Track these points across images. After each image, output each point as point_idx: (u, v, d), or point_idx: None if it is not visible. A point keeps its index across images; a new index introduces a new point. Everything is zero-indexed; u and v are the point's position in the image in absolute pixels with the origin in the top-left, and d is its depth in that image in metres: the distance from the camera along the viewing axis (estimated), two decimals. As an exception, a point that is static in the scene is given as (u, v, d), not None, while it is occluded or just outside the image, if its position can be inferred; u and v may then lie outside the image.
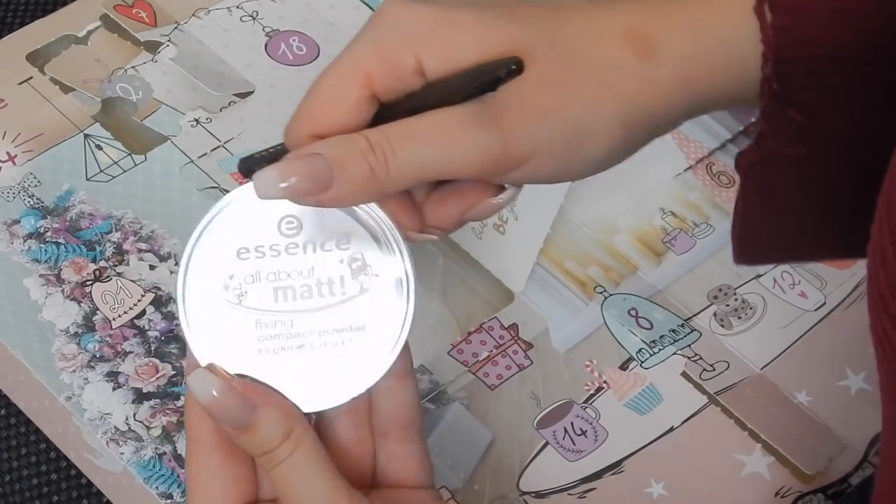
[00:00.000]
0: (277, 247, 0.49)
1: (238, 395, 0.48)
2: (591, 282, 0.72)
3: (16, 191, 0.71)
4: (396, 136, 0.47)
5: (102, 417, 0.64)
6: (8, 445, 0.68)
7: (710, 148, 0.78)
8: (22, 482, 0.67)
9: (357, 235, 0.49)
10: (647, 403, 0.68)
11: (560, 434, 0.67)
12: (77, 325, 0.67)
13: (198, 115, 0.75)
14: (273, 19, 0.80)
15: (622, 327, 0.71)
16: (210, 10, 0.80)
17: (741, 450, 0.67)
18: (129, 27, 0.78)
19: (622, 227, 0.74)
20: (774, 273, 0.74)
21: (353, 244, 0.49)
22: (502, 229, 0.70)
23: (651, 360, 0.70)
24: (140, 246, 0.70)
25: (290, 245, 0.49)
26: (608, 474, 0.66)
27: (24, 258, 0.68)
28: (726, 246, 0.75)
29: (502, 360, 0.69)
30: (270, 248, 0.49)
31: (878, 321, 0.44)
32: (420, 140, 0.47)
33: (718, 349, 0.70)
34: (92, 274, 0.68)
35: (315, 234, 0.49)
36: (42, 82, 0.75)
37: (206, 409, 0.48)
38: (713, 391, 0.69)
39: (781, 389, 0.69)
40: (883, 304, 0.43)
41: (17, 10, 0.84)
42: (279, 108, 0.76)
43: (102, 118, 0.74)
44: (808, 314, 0.72)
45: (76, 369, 0.65)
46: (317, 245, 0.49)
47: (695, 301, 0.72)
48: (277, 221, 0.49)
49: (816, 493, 0.66)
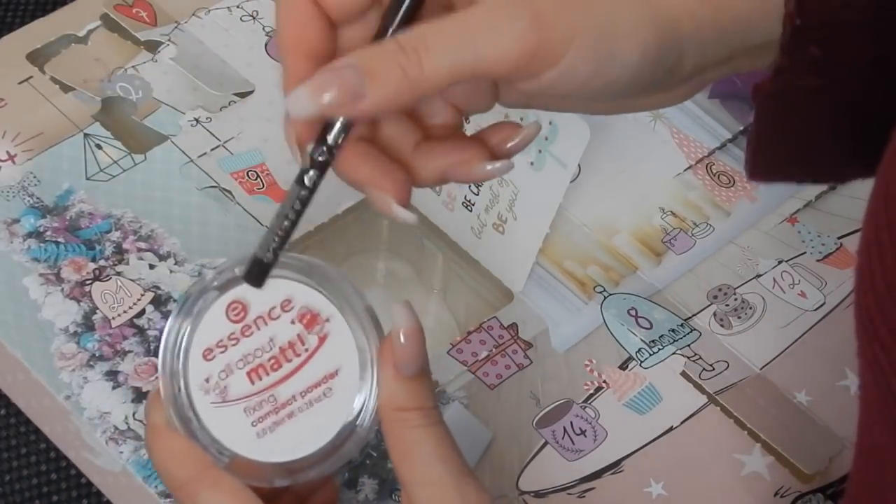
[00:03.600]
0: (234, 335, 0.50)
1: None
2: (590, 281, 0.72)
3: (15, 190, 0.71)
4: (427, 32, 0.45)
5: (102, 416, 0.64)
6: (8, 445, 0.68)
7: (710, 148, 0.78)
8: (22, 482, 0.67)
9: (294, 291, 0.50)
10: (647, 403, 0.68)
11: (559, 434, 0.67)
12: (76, 324, 0.67)
13: (198, 115, 0.75)
14: (273, 19, 0.80)
15: (622, 327, 0.70)
16: (210, 10, 0.80)
17: (740, 450, 0.67)
18: (129, 27, 0.78)
19: (622, 226, 0.74)
20: (774, 273, 0.74)
21: (295, 300, 0.50)
22: (502, 229, 0.70)
23: (650, 360, 0.69)
24: (140, 245, 0.70)
25: (243, 328, 0.50)
26: (607, 474, 0.66)
27: (23, 257, 0.68)
28: (726, 246, 0.75)
29: (502, 360, 0.69)
30: (228, 338, 0.50)
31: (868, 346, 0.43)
32: (451, 34, 0.45)
33: (718, 349, 0.70)
34: (91, 273, 0.68)
35: (259, 307, 0.50)
36: (42, 82, 0.75)
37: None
38: (713, 391, 0.69)
39: (781, 389, 0.69)
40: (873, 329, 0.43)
41: (17, 10, 0.84)
42: (279, 107, 0.76)
43: (102, 117, 0.74)
44: (808, 314, 0.72)
45: (75, 368, 0.65)
46: (265, 317, 0.50)
47: (694, 301, 0.72)
48: (224, 311, 0.50)
49: (816, 493, 0.66)
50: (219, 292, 0.50)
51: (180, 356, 0.50)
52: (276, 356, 0.50)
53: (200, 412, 0.50)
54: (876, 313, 0.42)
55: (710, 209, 0.76)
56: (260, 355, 0.50)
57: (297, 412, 0.50)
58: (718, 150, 0.78)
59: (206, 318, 0.50)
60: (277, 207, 0.49)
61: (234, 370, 0.50)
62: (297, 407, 0.50)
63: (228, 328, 0.50)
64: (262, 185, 0.73)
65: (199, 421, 0.50)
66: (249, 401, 0.50)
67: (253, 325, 0.50)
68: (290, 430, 0.50)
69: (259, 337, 0.50)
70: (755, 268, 0.74)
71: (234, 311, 0.50)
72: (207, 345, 0.50)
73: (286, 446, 0.50)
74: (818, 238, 0.75)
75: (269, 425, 0.50)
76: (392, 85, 0.45)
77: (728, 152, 0.78)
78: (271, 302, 0.50)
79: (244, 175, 0.73)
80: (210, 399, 0.50)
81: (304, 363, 0.50)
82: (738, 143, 0.78)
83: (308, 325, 0.50)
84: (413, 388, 0.49)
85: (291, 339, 0.50)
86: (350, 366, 0.50)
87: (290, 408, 0.50)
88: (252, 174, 0.73)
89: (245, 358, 0.50)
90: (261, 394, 0.50)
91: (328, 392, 0.50)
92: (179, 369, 0.50)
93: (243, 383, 0.50)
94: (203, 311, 0.50)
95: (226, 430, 0.50)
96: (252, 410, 0.50)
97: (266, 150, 0.74)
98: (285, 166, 0.74)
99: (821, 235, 0.76)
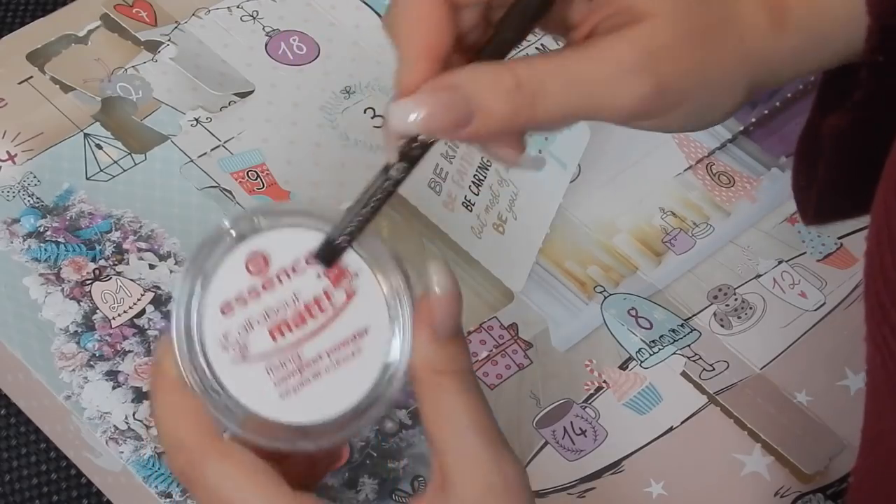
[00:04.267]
0: (255, 289, 0.47)
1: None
2: (590, 281, 0.72)
3: (16, 190, 0.71)
4: (547, 77, 0.45)
5: (102, 416, 0.64)
6: (8, 445, 0.68)
7: (710, 148, 0.78)
8: (22, 482, 0.67)
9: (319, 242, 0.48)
10: (647, 403, 0.68)
11: (559, 433, 0.67)
12: (76, 324, 0.67)
13: (198, 115, 0.75)
14: (273, 19, 0.80)
15: (622, 327, 0.70)
16: (210, 10, 0.80)
17: (741, 449, 0.67)
18: (130, 27, 0.78)
19: (622, 226, 0.74)
20: (774, 273, 0.74)
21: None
22: (502, 229, 0.70)
23: (651, 360, 0.70)
24: (140, 245, 0.70)
25: (264, 282, 0.47)
26: (608, 474, 0.66)
27: (23, 257, 0.68)
28: (726, 246, 0.75)
29: (502, 360, 0.69)
30: (248, 292, 0.47)
31: (877, 329, 0.43)
32: (572, 84, 0.45)
33: (718, 349, 0.70)
34: (91, 273, 0.68)
35: (282, 260, 0.48)
36: (42, 82, 0.75)
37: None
38: (713, 391, 0.69)
39: (781, 389, 0.69)
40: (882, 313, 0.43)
41: (17, 10, 0.84)
42: (279, 107, 0.76)
43: (102, 117, 0.74)
44: (808, 314, 0.72)
45: (76, 368, 0.65)
46: (288, 270, 0.48)
47: (694, 301, 0.72)
48: (244, 264, 0.48)
49: (816, 492, 0.66)
50: (236, 243, 0.47)
51: (195, 311, 0.47)
52: (301, 312, 0.47)
53: (218, 370, 0.47)
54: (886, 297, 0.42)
55: (710, 209, 0.76)
56: (283, 311, 0.47)
57: (323, 372, 0.47)
58: (718, 150, 0.78)
59: (223, 270, 0.47)
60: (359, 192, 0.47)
61: (254, 326, 0.47)
62: (324, 367, 0.47)
63: (248, 281, 0.47)
64: (262, 185, 0.73)
65: (216, 380, 0.47)
66: (272, 359, 0.47)
67: (275, 279, 0.47)
68: (315, 390, 0.47)
69: (282, 291, 0.47)
70: (755, 268, 0.74)
71: (254, 263, 0.47)
72: (225, 299, 0.47)
73: (312, 407, 0.47)
74: (818, 238, 0.75)
75: (294, 385, 0.47)
76: (500, 120, 0.45)
77: (728, 152, 0.78)
78: (295, 254, 0.48)
79: (244, 175, 0.73)
80: (228, 356, 0.47)
81: (330, 320, 0.47)
82: (737, 142, 0.78)
83: (335, 280, 0.48)
84: (449, 351, 0.47)
85: (317, 294, 0.47)
86: (380, 324, 0.48)
87: (315, 367, 0.47)
88: (252, 174, 0.73)
89: (266, 313, 0.47)
90: (284, 352, 0.47)
91: (357, 351, 0.47)
92: (194, 325, 0.47)
93: (265, 340, 0.47)
94: (220, 262, 0.47)
95: (246, 390, 0.47)
96: (275, 369, 0.47)
97: (266, 150, 0.74)
98: (285, 166, 0.74)
99: (821, 235, 0.76)
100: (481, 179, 0.69)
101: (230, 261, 0.47)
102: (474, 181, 0.70)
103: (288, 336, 0.47)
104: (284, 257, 0.48)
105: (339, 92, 0.77)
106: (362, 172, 0.74)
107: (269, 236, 0.48)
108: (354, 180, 0.74)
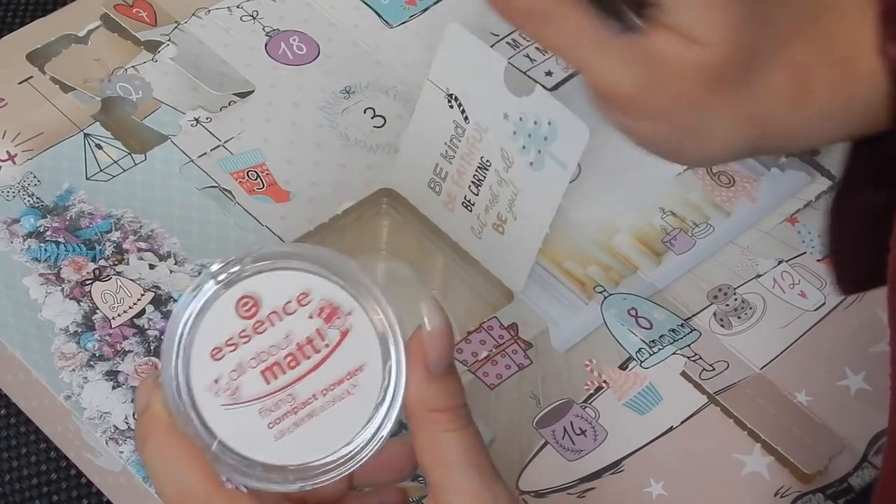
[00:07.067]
0: (245, 332, 0.47)
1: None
2: (590, 281, 0.72)
3: (16, 190, 0.71)
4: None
5: (102, 416, 0.64)
6: (8, 445, 0.68)
7: (710, 148, 0.78)
8: (22, 482, 0.67)
9: (313, 284, 0.48)
10: (647, 403, 0.68)
11: (559, 433, 0.67)
12: (76, 324, 0.67)
13: (198, 115, 0.75)
14: (273, 19, 0.80)
15: (622, 327, 0.70)
16: (210, 10, 0.80)
17: (741, 449, 0.67)
18: (130, 27, 0.78)
19: (622, 226, 0.74)
20: (774, 273, 0.74)
21: (312, 294, 0.48)
22: (502, 229, 0.70)
23: (651, 360, 0.69)
24: (140, 245, 0.70)
25: (255, 324, 0.47)
26: (607, 474, 0.66)
27: (23, 257, 0.68)
28: (726, 246, 0.75)
29: (502, 360, 0.69)
30: (239, 335, 0.47)
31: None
32: None
33: (718, 349, 0.70)
34: (91, 273, 0.68)
35: (272, 301, 0.48)
36: (42, 82, 0.75)
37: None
38: (713, 391, 0.69)
39: (781, 389, 0.69)
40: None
41: (17, 10, 0.84)
42: (279, 107, 0.76)
43: (102, 117, 0.74)
44: (808, 314, 0.72)
45: (75, 368, 0.65)
46: (279, 312, 0.48)
47: (694, 301, 0.72)
48: (234, 307, 0.48)
49: (816, 493, 0.66)
50: (226, 288, 0.47)
51: (184, 356, 0.47)
52: (294, 353, 0.47)
53: (207, 416, 0.47)
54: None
55: (710, 209, 0.76)
56: (275, 352, 0.47)
57: (318, 411, 0.48)
58: (718, 150, 0.78)
59: (212, 314, 0.47)
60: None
61: (246, 369, 0.47)
62: (319, 405, 0.48)
63: (239, 325, 0.47)
64: (262, 185, 0.73)
65: (204, 425, 0.47)
66: (265, 401, 0.47)
67: (266, 321, 0.47)
68: (311, 430, 0.47)
69: (274, 333, 0.47)
70: (755, 268, 0.74)
71: (244, 306, 0.48)
72: (216, 343, 0.47)
73: (308, 447, 0.47)
74: (818, 238, 0.75)
75: (289, 426, 0.47)
76: None
77: (728, 152, 0.78)
78: (286, 296, 0.48)
79: (244, 175, 0.73)
80: (220, 401, 0.47)
81: (325, 359, 0.48)
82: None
83: (328, 319, 0.48)
84: (443, 387, 0.48)
85: (310, 334, 0.47)
86: (374, 362, 0.48)
87: (310, 407, 0.48)
88: (252, 174, 0.73)
89: (259, 356, 0.47)
90: (277, 393, 0.47)
91: (353, 388, 0.48)
92: (183, 370, 0.47)
93: (257, 383, 0.47)
94: (209, 306, 0.47)
95: (238, 434, 0.47)
96: (268, 411, 0.47)
97: (266, 150, 0.74)
98: (285, 166, 0.74)
99: (821, 235, 0.75)
100: (481, 179, 0.69)
101: (220, 305, 0.48)
102: (474, 181, 0.70)
103: (281, 378, 0.48)
104: (276, 299, 0.48)
105: (339, 92, 0.77)
106: (362, 172, 0.75)
107: (259, 279, 0.48)
108: (354, 180, 0.74)
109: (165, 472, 0.48)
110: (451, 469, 0.48)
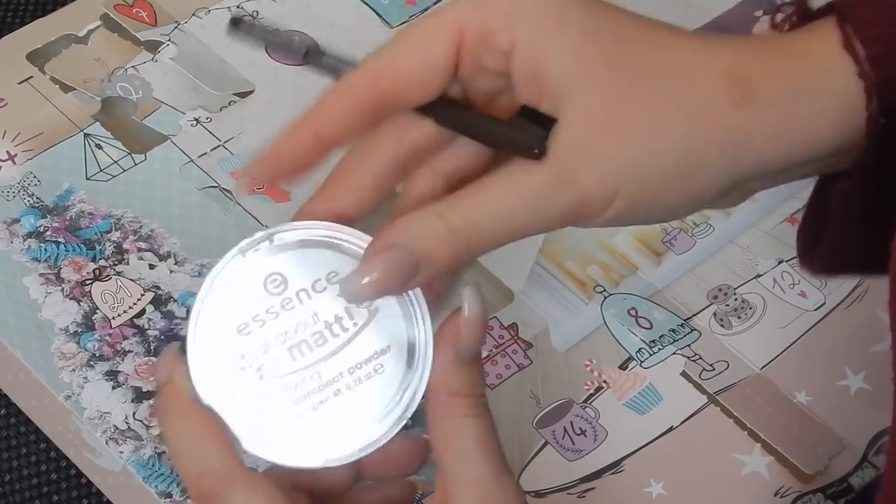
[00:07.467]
0: (273, 308, 0.48)
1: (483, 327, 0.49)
2: (590, 281, 0.72)
3: (16, 190, 0.71)
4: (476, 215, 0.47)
5: (102, 416, 0.64)
6: (8, 445, 0.68)
7: (710, 148, 0.78)
8: (22, 482, 0.67)
9: (342, 263, 0.48)
10: (647, 403, 0.68)
11: (559, 433, 0.67)
12: (77, 324, 0.67)
13: (198, 115, 0.75)
14: (273, 19, 0.80)
15: (622, 327, 0.71)
16: (210, 10, 0.80)
17: (740, 449, 0.67)
18: (130, 27, 0.78)
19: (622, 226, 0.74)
20: (774, 273, 0.74)
21: (341, 273, 0.48)
22: (502, 229, 0.70)
23: (651, 360, 0.70)
24: (140, 245, 0.70)
25: (283, 301, 0.48)
26: (607, 474, 0.66)
27: (23, 257, 0.68)
28: (726, 246, 0.75)
29: (502, 360, 0.69)
30: (267, 312, 0.48)
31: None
32: (502, 218, 0.47)
33: (718, 349, 0.70)
34: (91, 273, 0.68)
35: (302, 280, 0.48)
36: (42, 81, 0.75)
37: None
38: (713, 391, 0.69)
39: (781, 389, 0.69)
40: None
41: (17, 10, 0.84)
42: (279, 107, 0.76)
43: (102, 117, 0.74)
44: (808, 314, 0.72)
45: (76, 368, 0.65)
46: (308, 290, 0.48)
47: (694, 301, 0.72)
48: (262, 284, 0.48)
49: (816, 492, 0.66)
50: (254, 264, 0.48)
51: (211, 331, 0.47)
52: (321, 331, 0.48)
53: (234, 391, 0.47)
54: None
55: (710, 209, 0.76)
56: (303, 330, 0.48)
57: (344, 390, 0.47)
58: (718, 150, 0.78)
59: (241, 290, 0.48)
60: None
61: (272, 346, 0.47)
62: (344, 385, 0.47)
63: (267, 301, 0.48)
64: (262, 185, 0.73)
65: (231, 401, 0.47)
66: (290, 378, 0.47)
67: (295, 298, 0.48)
68: (336, 408, 0.47)
69: (301, 311, 0.48)
70: (755, 268, 0.74)
71: (273, 283, 0.48)
72: (243, 319, 0.47)
73: (332, 425, 0.47)
74: (818, 238, 0.75)
75: (313, 404, 0.47)
76: (443, 264, 0.47)
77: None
78: (315, 274, 0.48)
79: (244, 175, 0.73)
80: (245, 377, 0.47)
81: (352, 339, 0.48)
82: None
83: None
84: (469, 374, 0.48)
85: (338, 312, 0.48)
86: (401, 342, 0.48)
87: (335, 385, 0.47)
88: (252, 174, 0.73)
89: (286, 333, 0.47)
90: (303, 371, 0.47)
91: (379, 368, 0.48)
92: (210, 344, 0.47)
93: (283, 360, 0.47)
94: (237, 282, 0.47)
95: (262, 411, 0.47)
96: (293, 388, 0.47)
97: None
98: (285, 166, 0.74)
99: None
100: (481, 179, 0.70)
101: (250, 281, 0.48)
102: (474, 181, 0.70)
103: (308, 355, 0.48)
104: (305, 278, 0.48)
105: (339, 92, 0.77)
106: (362, 172, 0.75)
107: (288, 256, 0.48)
108: (354, 180, 0.74)
109: (186, 447, 0.47)
110: (464, 455, 0.48)
